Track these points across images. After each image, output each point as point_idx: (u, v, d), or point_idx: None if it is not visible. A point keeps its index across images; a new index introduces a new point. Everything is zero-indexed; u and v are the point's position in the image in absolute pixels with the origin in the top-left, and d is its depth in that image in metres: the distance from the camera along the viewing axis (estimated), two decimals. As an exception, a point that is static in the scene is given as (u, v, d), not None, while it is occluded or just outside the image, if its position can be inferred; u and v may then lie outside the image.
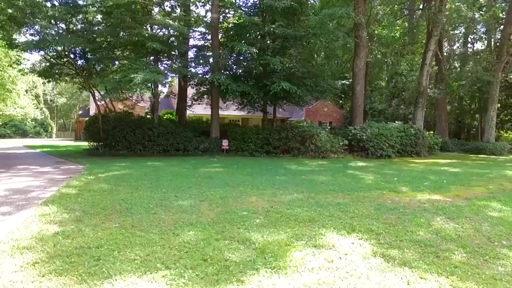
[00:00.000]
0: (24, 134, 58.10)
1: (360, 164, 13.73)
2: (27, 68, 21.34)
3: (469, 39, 31.70)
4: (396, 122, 20.31)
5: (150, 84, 16.31)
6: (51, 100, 73.69)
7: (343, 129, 19.22)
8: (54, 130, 69.80)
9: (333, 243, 4.39)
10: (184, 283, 3.24)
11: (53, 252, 3.89)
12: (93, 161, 13.58)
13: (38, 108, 59.06)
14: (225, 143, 16.84)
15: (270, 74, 16.24)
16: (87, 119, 24.17)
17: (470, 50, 31.77)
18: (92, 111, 32.09)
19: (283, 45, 17.97)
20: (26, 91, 53.40)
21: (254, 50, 15.45)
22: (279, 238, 4.50)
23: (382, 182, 8.88)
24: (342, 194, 7.30)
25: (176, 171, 10.19)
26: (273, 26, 16.25)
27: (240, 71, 18.94)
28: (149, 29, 16.14)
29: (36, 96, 62.18)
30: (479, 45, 33.34)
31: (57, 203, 6.11)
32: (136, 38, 14.92)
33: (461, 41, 32.33)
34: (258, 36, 18.51)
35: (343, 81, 20.80)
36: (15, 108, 41.73)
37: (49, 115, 69.28)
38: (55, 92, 72.13)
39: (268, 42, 17.98)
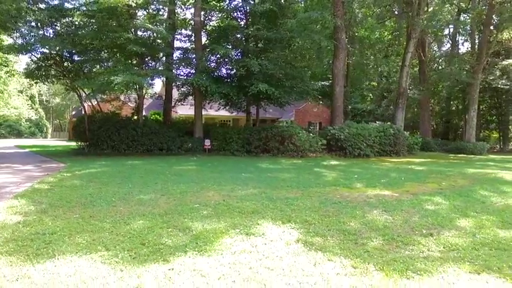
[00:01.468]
0: (19, 135, 58.49)
1: (333, 162, 14.30)
2: (23, 69, 21.79)
3: (458, 41, 32.34)
4: (377, 122, 20.87)
5: (135, 85, 16.80)
6: (46, 100, 74.15)
7: (325, 129, 19.80)
8: (50, 130, 70.26)
9: (264, 231, 4.91)
10: (116, 261, 3.76)
11: (9, 238, 4.40)
12: (76, 160, 14.09)
13: (32, 108, 59.53)
14: (207, 142, 17.37)
15: (251, 75, 16.81)
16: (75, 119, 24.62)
17: (456, 51, 32.36)
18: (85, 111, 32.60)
19: (265, 48, 18.55)
20: (21, 92, 53.77)
21: (233, 52, 16.00)
22: (216, 227, 5.02)
23: (341, 179, 9.43)
24: (296, 189, 7.83)
25: (150, 169, 10.73)
26: (251, 29, 16.84)
27: (224, 72, 19.55)
28: (133, 32, 16.62)
29: (31, 97, 62.62)
30: (467, 47, 34.05)
31: (27, 197, 6.62)
32: (121, 40, 15.41)
33: (450, 42, 32.99)
34: (241, 38, 19.10)
35: (323, 82, 21.36)
36: (8, 109, 42.20)
37: (44, 115, 69.74)
38: (51, 93, 72.54)
39: (251, 44, 18.57)
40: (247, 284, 3.34)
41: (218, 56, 18.08)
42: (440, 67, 33.34)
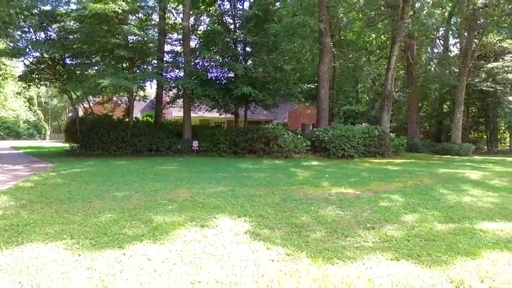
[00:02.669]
0: (17, 136, 59.09)
1: (313, 163, 14.79)
2: (21, 71, 22.32)
3: (449, 43, 32.83)
4: (363, 124, 21.41)
5: (126, 88, 17.33)
6: (45, 102, 74.76)
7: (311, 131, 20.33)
8: (48, 132, 70.85)
9: (219, 224, 5.41)
10: (76, 248, 4.28)
11: (-14, 228, 4.94)
12: (66, 160, 14.62)
13: (30, 110, 60.16)
14: (195, 143, 17.88)
15: (237, 78, 17.37)
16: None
17: (447, 54, 32.84)
18: (81, 113, 33.17)
19: (252, 51, 19.13)
20: (19, 93, 54.30)
21: (218, 56, 16.59)
22: (176, 220, 5.53)
23: (311, 178, 9.93)
24: (264, 188, 8.34)
25: (133, 169, 11.25)
26: (236, 33, 17.44)
27: (212, 75, 20.11)
28: (123, 36, 17.16)
29: (30, 99, 63.21)
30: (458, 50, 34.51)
31: (10, 194, 7.14)
32: (110, 45, 15.96)
33: (442, 45, 33.46)
34: (230, 42, 19.66)
35: (309, 85, 21.96)
36: (6, 111, 42.84)
37: (43, 117, 70.36)
38: (49, 94, 73.11)
39: (239, 48, 19.17)
40: (186, 266, 3.85)
41: (206, 59, 18.65)
42: (431, 69, 33.88)
